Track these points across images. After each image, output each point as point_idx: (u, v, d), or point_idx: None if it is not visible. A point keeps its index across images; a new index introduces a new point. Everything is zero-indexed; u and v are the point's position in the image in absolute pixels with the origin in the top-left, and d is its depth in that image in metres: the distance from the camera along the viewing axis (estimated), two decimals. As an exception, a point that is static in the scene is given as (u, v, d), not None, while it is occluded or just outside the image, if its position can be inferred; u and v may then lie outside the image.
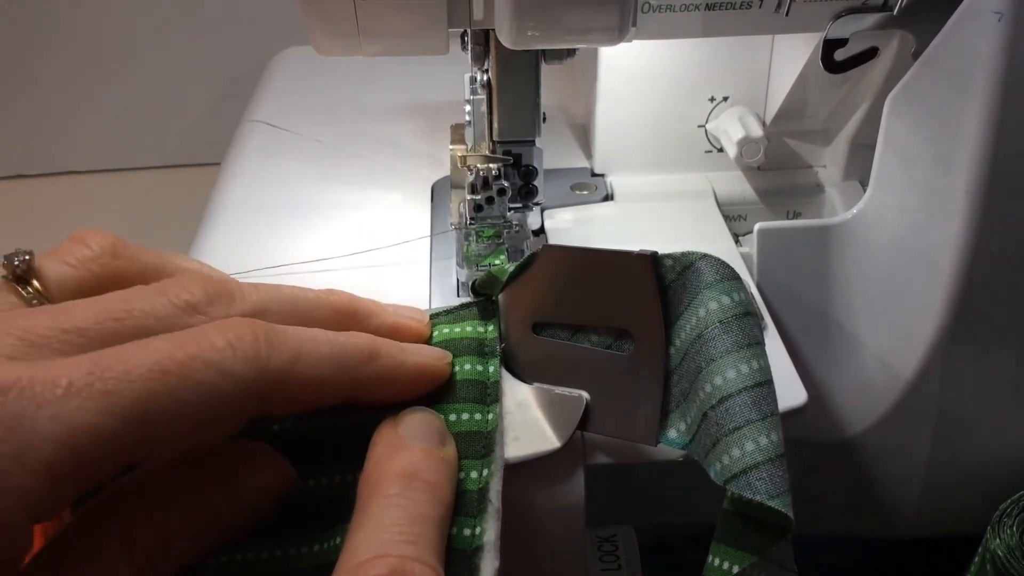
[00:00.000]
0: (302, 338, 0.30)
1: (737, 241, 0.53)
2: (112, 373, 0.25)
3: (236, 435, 0.30)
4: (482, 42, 0.47)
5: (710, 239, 0.52)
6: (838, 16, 0.45)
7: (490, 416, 0.34)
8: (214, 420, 0.27)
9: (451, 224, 0.52)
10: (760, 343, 0.34)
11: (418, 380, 0.34)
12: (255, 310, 0.32)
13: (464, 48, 0.47)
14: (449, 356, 0.36)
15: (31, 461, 0.24)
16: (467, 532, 0.31)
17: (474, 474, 0.33)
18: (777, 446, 0.31)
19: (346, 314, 0.35)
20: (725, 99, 0.55)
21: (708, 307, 0.34)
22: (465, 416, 0.34)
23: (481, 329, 0.38)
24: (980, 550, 0.46)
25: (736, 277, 0.35)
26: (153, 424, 0.26)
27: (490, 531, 0.31)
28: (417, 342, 0.37)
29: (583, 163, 0.59)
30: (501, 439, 0.34)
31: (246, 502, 0.31)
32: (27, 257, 0.31)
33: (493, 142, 0.49)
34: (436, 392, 0.35)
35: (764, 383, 0.32)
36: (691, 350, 0.34)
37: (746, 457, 0.31)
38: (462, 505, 0.32)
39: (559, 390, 0.37)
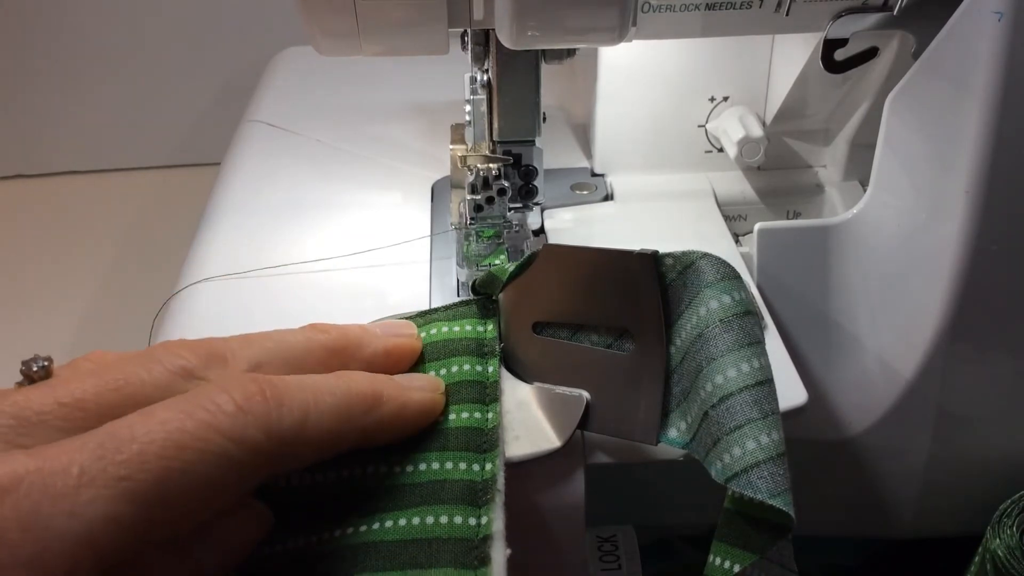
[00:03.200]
0: (308, 392, 0.29)
1: (737, 241, 0.53)
2: (124, 455, 0.24)
3: None
4: (482, 42, 0.47)
5: (710, 239, 0.52)
6: (838, 16, 0.45)
7: (490, 415, 0.35)
8: (229, 487, 0.27)
9: (451, 224, 0.52)
10: (760, 342, 0.34)
11: (420, 418, 0.34)
12: (250, 368, 0.31)
13: (464, 48, 0.47)
14: (443, 386, 0.35)
15: (50, 564, 0.22)
16: (472, 521, 0.31)
17: (476, 467, 0.33)
18: (778, 444, 0.31)
19: (337, 351, 0.34)
20: (725, 99, 0.55)
21: (709, 306, 0.34)
22: (465, 415, 0.34)
23: (480, 328, 0.38)
24: (980, 550, 0.46)
25: (736, 276, 0.35)
26: (170, 503, 0.25)
27: (498, 520, 0.31)
28: (410, 359, 0.36)
29: (583, 163, 0.59)
30: (503, 437, 0.34)
31: (225, 554, 0.30)
32: (46, 364, 0.29)
33: (493, 142, 0.49)
34: None
35: (765, 382, 0.32)
36: (692, 349, 0.34)
37: (747, 456, 0.31)
38: (462, 494, 0.32)
39: (559, 389, 0.37)
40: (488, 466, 0.33)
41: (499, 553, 0.30)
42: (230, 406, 0.27)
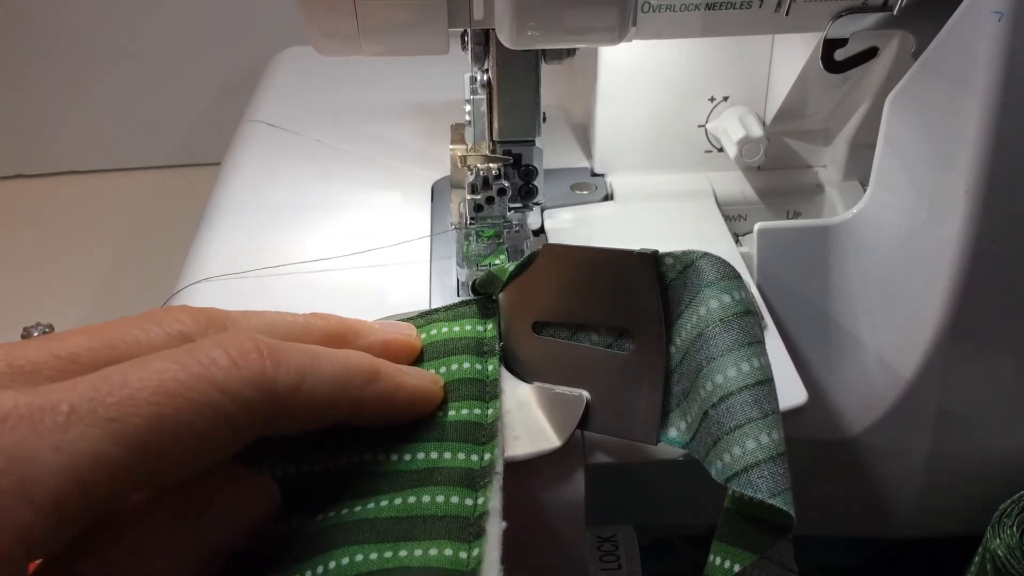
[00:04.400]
0: (306, 355, 0.29)
1: (737, 241, 0.53)
2: (115, 398, 0.24)
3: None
4: (482, 42, 0.47)
5: (710, 239, 0.52)
6: (838, 16, 0.45)
7: (490, 411, 0.35)
8: (219, 442, 0.27)
9: (451, 224, 0.52)
10: (760, 342, 0.34)
11: (416, 402, 0.34)
12: None
13: (464, 48, 0.47)
14: (442, 381, 0.35)
15: (34, 495, 0.22)
16: (468, 502, 0.31)
17: (474, 456, 0.33)
18: (778, 444, 0.31)
19: (335, 337, 0.34)
20: (725, 99, 0.55)
21: (709, 305, 0.34)
22: (464, 411, 0.34)
23: (480, 328, 0.38)
24: (980, 550, 0.46)
25: (736, 276, 0.35)
26: (159, 450, 0.25)
27: (495, 499, 0.31)
28: (408, 356, 0.37)
29: (583, 163, 0.59)
30: (502, 431, 0.34)
31: (232, 530, 0.29)
32: (47, 331, 0.30)
33: (493, 142, 0.49)
34: None
35: (765, 381, 0.32)
36: (692, 348, 0.34)
37: (747, 455, 0.31)
38: (460, 479, 0.32)
39: (560, 389, 0.37)
40: (487, 456, 0.33)
41: (494, 526, 0.30)
42: (224, 360, 0.27)
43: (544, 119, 0.49)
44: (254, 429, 0.28)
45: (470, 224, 0.50)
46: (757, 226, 0.49)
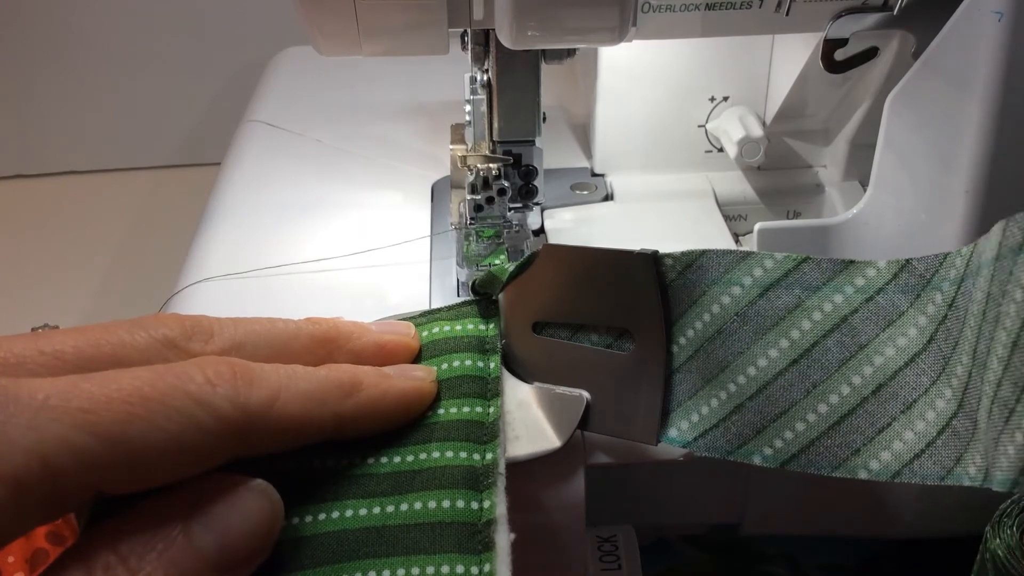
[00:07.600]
0: (282, 375, 0.30)
1: (737, 241, 0.53)
2: (91, 395, 0.25)
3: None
4: (482, 42, 0.47)
5: (710, 239, 0.52)
6: (838, 16, 0.45)
7: (491, 409, 0.35)
8: (193, 452, 0.27)
9: (451, 224, 0.52)
10: (787, 315, 0.33)
11: (403, 408, 0.34)
12: (232, 345, 0.32)
13: (464, 48, 0.47)
14: (435, 373, 0.35)
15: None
16: (474, 505, 0.31)
17: (476, 456, 0.33)
18: (826, 417, 0.32)
19: (324, 341, 0.34)
20: (725, 99, 0.55)
21: (721, 302, 0.34)
22: (466, 409, 0.34)
23: (483, 327, 0.38)
24: (980, 550, 0.46)
25: (741, 259, 0.34)
26: (130, 447, 0.25)
27: (500, 505, 0.31)
28: (405, 356, 0.36)
29: (583, 163, 0.59)
30: (504, 430, 0.34)
31: (233, 539, 0.28)
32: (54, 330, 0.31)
33: (493, 142, 0.49)
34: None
35: (798, 359, 0.33)
36: (709, 347, 0.34)
37: (799, 438, 0.32)
38: (463, 479, 0.32)
39: (560, 389, 0.37)
40: (489, 455, 0.33)
41: (503, 538, 0.30)
42: (199, 377, 0.27)
43: (544, 119, 0.49)
44: (230, 443, 0.28)
45: (470, 224, 0.50)
46: (757, 226, 0.49)
